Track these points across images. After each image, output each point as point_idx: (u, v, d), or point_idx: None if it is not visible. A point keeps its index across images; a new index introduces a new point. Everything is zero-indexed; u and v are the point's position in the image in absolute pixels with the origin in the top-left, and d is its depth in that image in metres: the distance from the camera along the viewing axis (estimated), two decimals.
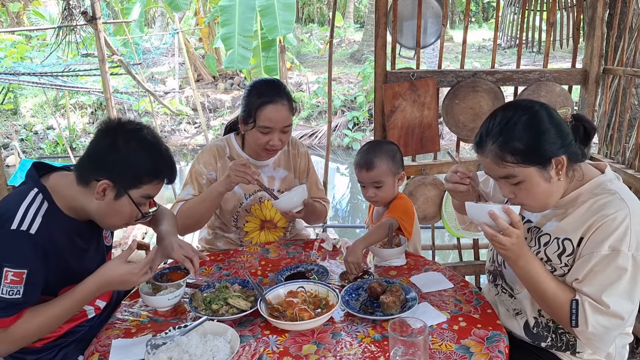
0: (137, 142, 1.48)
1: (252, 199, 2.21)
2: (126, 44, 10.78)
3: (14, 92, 12.53)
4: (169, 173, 1.56)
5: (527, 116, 1.38)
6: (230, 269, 1.95)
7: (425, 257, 2.00)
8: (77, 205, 1.52)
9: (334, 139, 11.28)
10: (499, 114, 1.42)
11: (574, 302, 1.39)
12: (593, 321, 1.36)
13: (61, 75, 7.98)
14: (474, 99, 2.76)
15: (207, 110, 12.85)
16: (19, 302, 1.39)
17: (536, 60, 12.78)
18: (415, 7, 2.74)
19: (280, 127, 2.04)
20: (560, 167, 1.39)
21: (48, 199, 1.49)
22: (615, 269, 1.35)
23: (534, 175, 1.38)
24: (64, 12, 6.68)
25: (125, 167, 1.47)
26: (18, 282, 1.37)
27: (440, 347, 1.38)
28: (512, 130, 1.37)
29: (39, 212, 1.44)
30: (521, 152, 1.36)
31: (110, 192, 1.47)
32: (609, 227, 1.36)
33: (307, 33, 20.59)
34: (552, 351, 1.57)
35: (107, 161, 1.47)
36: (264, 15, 7.53)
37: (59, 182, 1.53)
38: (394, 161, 2.04)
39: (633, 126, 3.02)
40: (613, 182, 1.46)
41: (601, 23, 2.79)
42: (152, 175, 1.51)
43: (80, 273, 1.55)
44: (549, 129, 1.37)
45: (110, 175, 1.46)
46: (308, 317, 1.47)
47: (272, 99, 2.02)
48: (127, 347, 1.45)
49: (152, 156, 1.50)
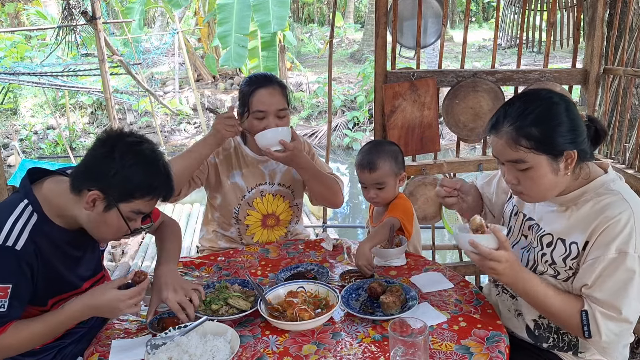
0: (134, 156, 1.44)
1: (254, 192, 2.20)
2: (126, 43, 10.79)
3: (13, 92, 12.52)
4: (165, 191, 1.50)
5: (546, 106, 1.39)
6: (230, 269, 1.94)
7: (425, 257, 2.00)
8: (67, 214, 1.49)
9: (334, 139, 11.28)
10: (519, 99, 1.44)
11: (583, 312, 1.38)
12: (605, 329, 1.36)
13: (61, 75, 7.98)
14: (474, 99, 2.76)
15: (207, 110, 12.84)
16: (3, 316, 1.38)
17: (536, 60, 12.77)
18: (415, 7, 2.74)
19: (273, 110, 2.03)
20: (570, 162, 1.40)
21: (37, 210, 1.46)
22: (624, 272, 1.34)
23: (544, 164, 1.39)
24: (63, 12, 6.68)
25: (118, 180, 1.42)
26: (2, 296, 1.37)
27: (441, 347, 1.38)
28: (531, 116, 1.38)
29: (26, 227, 1.42)
30: (536, 139, 1.37)
31: (100, 203, 1.43)
32: (614, 230, 1.35)
33: (307, 33, 20.59)
34: (554, 352, 1.56)
35: (100, 172, 1.42)
36: (257, 10, 7.49)
37: (51, 189, 1.50)
38: (396, 162, 2.04)
39: (633, 126, 3.02)
40: (616, 182, 1.46)
41: (601, 23, 2.79)
42: (145, 192, 1.46)
43: (72, 281, 1.55)
44: (564, 122, 1.38)
45: (101, 186, 1.42)
46: (308, 317, 1.47)
47: (263, 84, 2.05)
48: (127, 347, 1.45)
49: (148, 172, 1.45)
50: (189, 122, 12.74)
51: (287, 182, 2.24)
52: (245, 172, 2.19)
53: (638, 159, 2.59)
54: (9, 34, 11.91)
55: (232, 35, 7.95)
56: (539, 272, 1.52)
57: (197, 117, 11.78)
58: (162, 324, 1.54)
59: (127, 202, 1.44)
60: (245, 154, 2.20)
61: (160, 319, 1.56)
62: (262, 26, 7.50)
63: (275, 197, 2.22)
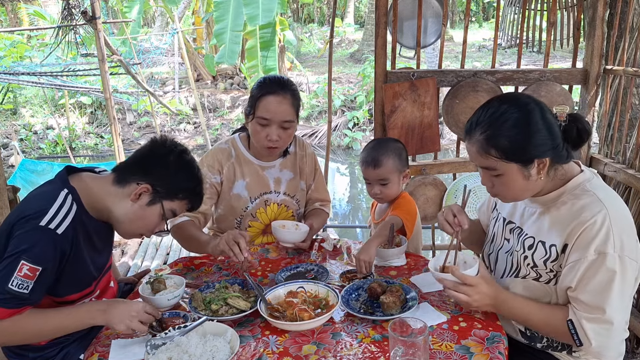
0: (185, 163, 1.63)
1: (258, 202, 2.17)
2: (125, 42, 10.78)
3: (13, 92, 12.52)
4: (198, 199, 1.68)
5: (520, 114, 1.38)
6: (230, 269, 1.94)
7: (425, 257, 1.99)
8: (102, 206, 1.58)
9: (334, 139, 11.28)
10: (493, 105, 1.43)
11: (569, 322, 1.41)
12: (593, 334, 1.38)
13: (61, 75, 7.97)
14: (474, 98, 2.76)
15: (206, 110, 12.84)
16: (24, 298, 1.40)
17: (536, 60, 12.78)
18: (415, 7, 2.74)
19: (278, 120, 1.98)
20: (542, 167, 1.41)
21: (77, 200, 1.54)
22: (605, 272, 1.35)
23: (514, 171, 1.40)
24: (63, 12, 6.68)
25: (169, 179, 1.58)
26: (31, 277, 1.40)
27: (441, 348, 1.38)
28: (502, 125, 1.38)
29: (69, 214, 1.49)
30: (505, 149, 1.38)
31: (145, 197, 1.57)
32: (591, 232, 1.36)
33: (307, 33, 20.59)
34: (549, 352, 1.57)
35: (155, 169, 1.58)
36: (247, 4, 7.57)
37: (89, 181, 1.60)
38: (400, 159, 2.05)
39: (633, 126, 3.01)
40: (591, 182, 1.46)
41: (602, 23, 2.79)
42: (187, 194, 1.63)
43: (91, 271, 1.61)
44: (538, 131, 1.37)
45: (152, 182, 1.56)
46: (308, 318, 1.46)
47: (274, 91, 1.98)
48: (127, 347, 1.45)
49: (193, 178, 1.64)
50: (188, 122, 12.74)
51: (293, 191, 2.22)
52: (249, 181, 2.15)
53: (638, 159, 2.59)
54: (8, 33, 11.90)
55: (227, 33, 8.01)
56: (522, 275, 1.54)
57: (197, 117, 11.77)
58: (162, 324, 1.54)
59: (170, 201, 1.60)
60: (248, 161, 2.16)
61: (160, 319, 1.56)
62: (251, 19, 7.58)
63: (280, 206, 2.21)
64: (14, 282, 1.37)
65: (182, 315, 1.57)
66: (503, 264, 1.63)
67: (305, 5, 24.12)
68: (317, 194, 2.32)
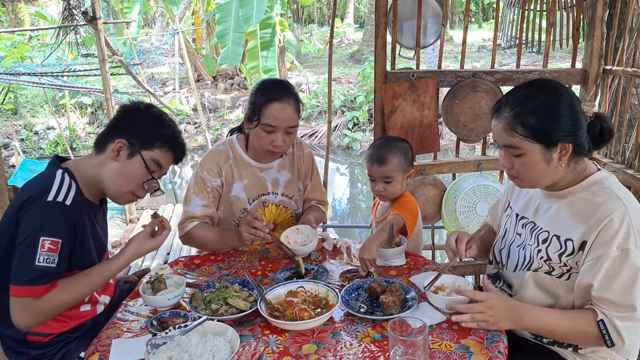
0: (157, 111, 1.68)
1: (257, 204, 2.17)
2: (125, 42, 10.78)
3: (14, 92, 12.53)
4: (180, 148, 1.70)
5: (550, 97, 1.42)
6: (230, 269, 1.95)
7: (425, 257, 2.00)
8: (93, 180, 1.63)
9: (333, 139, 11.28)
10: (525, 87, 1.47)
11: (600, 323, 1.39)
12: (626, 333, 1.36)
13: (61, 75, 7.98)
14: (474, 99, 2.76)
15: (207, 110, 12.85)
16: (53, 272, 1.43)
17: (536, 61, 12.78)
18: (415, 7, 2.74)
19: (284, 126, 1.99)
20: (564, 153, 1.42)
21: (73, 179, 1.58)
22: (629, 269, 1.35)
23: (536, 152, 1.42)
24: (64, 12, 6.68)
25: (141, 127, 1.63)
26: (54, 250, 1.43)
27: (440, 347, 1.38)
28: (531, 104, 1.41)
29: (71, 188, 1.54)
30: (532, 128, 1.40)
31: (124, 151, 1.61)
32: (611, 229, 1.36)
33: (307, 33, 20.60)
34: (554, 348, 1.57)
35: (126, 124, 1.65)
36: (243, 5, 7.65)
37: (76, 163, 1.66)
38: (405, 158, 2.07)
39: (633, 126, 3.02)
40: (609, 180, 1.47)
41: (601, 23, 2.79)
42: (164, 141, 1.65)
43: (83, 256, 1.62)
44: (566, 115, 1.40)
45: (126, 136, 1.61)
46: (308, 317, 1.47)
47: (278, 97, 1.98)
48: (127, 347, 1.45)
49: (167, 125, 1.68)
50: (189, 122, 12.74)
51: (291, 192, 2.23)
52: (247, 183, 2.16)
53: (637, 159, 2.59)
54: (9, 34, 11.90)
55: (230, 34, 8.03)
56: (534, 268, 1.53)
57: (197, 117, 11.77)
58: (163, 322, 1.55)
59: (148, 150, 1.63)
60: (246, 163, 2.17)
61: (160, 319, 1.56)
62: (246, 20, 7.67)
63: (278, 207, 2.21)
64: (40, 259, 1.41)
65: (182, 315, 1.57)
66: (515, 257, 1.62)
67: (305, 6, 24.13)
68: (314, 194, 2.32)
